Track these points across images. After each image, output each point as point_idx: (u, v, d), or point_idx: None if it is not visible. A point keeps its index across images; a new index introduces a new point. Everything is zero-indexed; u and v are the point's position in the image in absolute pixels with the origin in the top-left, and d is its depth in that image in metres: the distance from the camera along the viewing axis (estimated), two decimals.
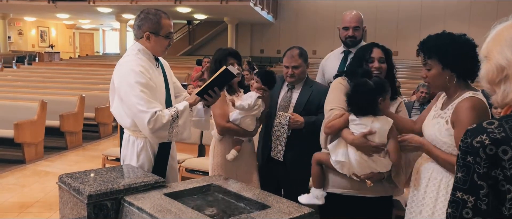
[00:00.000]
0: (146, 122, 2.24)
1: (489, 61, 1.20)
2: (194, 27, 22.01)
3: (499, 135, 1.11)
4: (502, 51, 1.17)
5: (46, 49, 23.20)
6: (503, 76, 1.16)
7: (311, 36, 19.55)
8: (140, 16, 2.47)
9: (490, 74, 1.19)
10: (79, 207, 1.96)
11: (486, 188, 1.12)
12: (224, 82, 2.51)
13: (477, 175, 1.13)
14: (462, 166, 1.15)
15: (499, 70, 1.17)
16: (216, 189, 2.17)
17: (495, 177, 1.11)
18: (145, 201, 1.91)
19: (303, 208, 1.87)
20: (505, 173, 1.10)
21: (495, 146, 1.11)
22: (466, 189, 1.14)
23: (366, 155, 2.14)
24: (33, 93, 7.91)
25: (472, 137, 1.14)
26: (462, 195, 1.15)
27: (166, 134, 2.32)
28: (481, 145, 1.12)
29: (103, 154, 5.16)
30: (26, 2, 16.50)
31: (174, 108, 2.35)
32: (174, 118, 2.31)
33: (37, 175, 5.43)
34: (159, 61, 2.57)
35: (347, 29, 3.34)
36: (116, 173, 2.22)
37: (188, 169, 4.60)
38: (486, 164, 1.12)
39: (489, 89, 1.22)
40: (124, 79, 2.34)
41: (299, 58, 2.95)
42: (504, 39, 1.18)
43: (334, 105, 2.32)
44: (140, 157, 2.44)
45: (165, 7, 15.53)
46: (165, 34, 2.45)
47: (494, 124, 1.14)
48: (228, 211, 1.94)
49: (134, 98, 2.27)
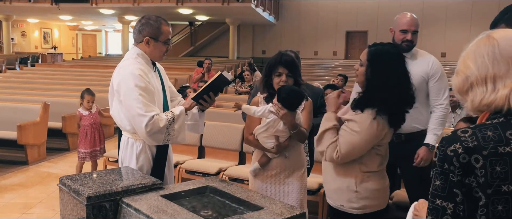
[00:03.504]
0: (143, 125, 2.31)
1: (457, 75, 1.28)
2: (196, 29, 22.09)
3: (472, 144, 1.16)
4: (466, 63, 1.25)
5: (49, 51, 23.36)
6: (468, 85, 1.23)
7: (313, 37, 19.61)
8: (142, 21, 2.54)
9: (458, 86, 1.27)
10: (78, 208, 2.02)
11: (460, 195, 1.16)
12: (219, 88, 2.57)
13: (452, 183, 1.17)
14: (441, 174, 1.19)
15: (464, 81, 1.24)
16: (212, 190, 2.23)
17: (469, 185, 1.16)
18: (142, 202, 1.97)
19: (295, 209, 1.93)
20: (478, 181, 1.15)
21: (468, 154, 1.15)
22: (445, 196, 1.18)
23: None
24: (36, 95, 7.98)
25: (447, 145, 1.19)
26: (441, 202, 1.18)
27: (162, 137, 2.39)
28: (455, 153, 1.16)
29: (104, 156, 5.22)
30: (29, 4, 16.63)
31: (171, 112, 2.43)
32: (170, 122, 2.38)
33: (40, 176, 5.50)
34: (156, 66, 2.63)
35: (405, 32, 3.04)
36: (115, 175, 2.28)
37: (188, 170, 4.65)
38: (460, 172, 1.16)
39: (461, 99, 1.29)
40: (123, 82, 2.40)
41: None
42: (468, 54, 1.26)
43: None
44: (139, 159, 2.50)
45: (167, 9, 15.65)
46: (164, 40, 2.52)
47: (468, 133, 1.19)
48: (223, 212, 2.00)
49: (133, 102, 2.34)
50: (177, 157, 4.50)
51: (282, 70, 2.55)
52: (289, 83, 2.56)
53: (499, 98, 1.18)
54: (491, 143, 1.15)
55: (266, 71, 2.62)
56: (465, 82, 1.25)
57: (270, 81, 2.60)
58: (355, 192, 2.21)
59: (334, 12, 19.21)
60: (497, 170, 1.14)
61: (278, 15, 20.13)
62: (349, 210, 2.24)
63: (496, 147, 1.15)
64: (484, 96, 1.20)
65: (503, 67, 1.19)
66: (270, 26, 20.26)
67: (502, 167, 1.14)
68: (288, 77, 2.56)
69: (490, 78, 1.20)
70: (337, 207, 2.29)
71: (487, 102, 1.20)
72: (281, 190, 2.61)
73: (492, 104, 1.19)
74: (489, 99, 1.19)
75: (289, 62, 2.57)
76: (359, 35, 19.13)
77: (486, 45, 1.23)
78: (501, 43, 1.21)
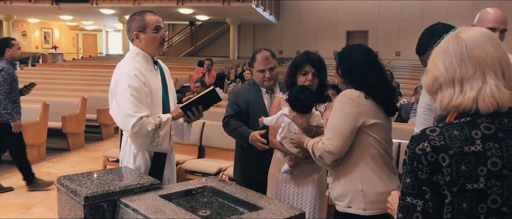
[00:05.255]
0: (130, 126, 2.30)
1: (427, 75, 1.29)
2: (196, 28, 22.09)
3: (439, 143, 1.18)
4: (435, 64, 1.26)
5: (49, 51, 23.36)
6: (438, 86, 1.25)
7: (313, 37, 19.59)
8: (128, 20, 2.55)
9: (428, 86, 1.28)
10: (76, 208, 2.01)
11: (429, 193, 1.19)
12: (209, 103, 2.51)
13: (421, 181, 1.19)
14: (410, 172, 1.21)
15: (433, 81, 1.25)
16: (211, 191, 2.21)
17: (437, 182, 1.18)
18: (140, 202, 1.95)
19: (294, 209, 1.92)
20: (444, 179, 1.17)
21: (435, 153, 1.18)
22: (414, 193, 1.20)
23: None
24: (36, 95, 7.97)
25: (416, 144, 1.21)
26: (411, 199, 1.21)
27: (147, 142, 2.37)
28: (423, 152, 1.19)
29: (104, 155, 5.22)
30: (30, 4, 16.64)
31: (158, 117, 2.39)
32: (157, 128, 2.36)
33: (40, 176, 5.47)
34: (159, 65, 2.61)
35: (493, 30, 2.59)
36: (113, 175, 2.26)
37: (188, 170, 4.64)
38: (427, 170, 1.19)
39: (431, 99, 1.30)
40: (119, 82, 2.40)
41: (273, 59, 2.82)
42: (437, 54, 1.27)
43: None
44: (136, 159, 2.49)
45: (168, 8, 15.64)
46: (152, 29, 2.48)
47: (436, 132, 1.21)
48: (221, 213, 1.99)
49: (124, 101, 2.34)
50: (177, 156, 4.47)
51: (309, 69, 2.48)
52: (314, 83, 2.49)
53: (466, 101, 1.20)
54: (457, 142, 1.17)
55: (290, 69, 2.54)
56: (434, 83, 1.26)
57: (294, 81, 2.52)
58: (361, 191, 2.15)
59: (335, 12, 19.19)
60: (462, 169, 1.16)
61: (279, 15, 20.12)
62: (357, 211, 2.17)
63: (462, 146, 1.17)
64: (452, 98, 1.22)
65: (470, 69, 1.20)
66: (270, 26, 20.25)
67: (467, 166, 1.16)
68: (314, 77, 2.49)
69: (457, 80, 1.21)
70: (344, 210, 2.22)
71: (455, 104, 1.21)
72: (296, 193, 2.54)
73: (460, 106, 1.21)
74: (456, 101, 1.21)
75: (316, 60, 2.51)
76: (359, 35, 19.11)
77: (454, 45, 1.23)
78: (468, 44, 1.21)
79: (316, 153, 2.17)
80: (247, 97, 2.85)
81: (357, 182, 2.15)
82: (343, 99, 2.14)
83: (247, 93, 2.87)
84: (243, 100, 2.85)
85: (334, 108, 2.17)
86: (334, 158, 2.13)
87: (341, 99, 2.15)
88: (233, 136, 2.94)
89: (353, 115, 2.10)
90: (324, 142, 2.12)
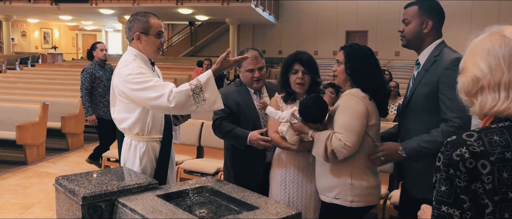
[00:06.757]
0: (165, 104, 2.22)
1: (465, 74, 1.20)
2: (196, 29, 22.09)
3: (479, 149, 1.11)
4: (476, 63, 1.17)
5: (49, 51, 23.36)
6: (478, 88, 1.16)
7: (313, 37, 19.60)
8: (130, 19, 2.52)
9: (466, 86, 1.19)
10: (74, 208, 2.02)
11: (468, 202, 1.11)
12: None
13: (459, 189, 1.11)
14: (446, 179, 1.13)
15: (474, 82, 1.17)
16: (208, 190, 2.23)
17: (475, 191, 1.11)
18: (138, 202, 1.97)
19: (290, 209, 1.93)
20: (484, 187, 1.10)
21: (474, 159, 1.10)
22: (451, 202, 1.12)
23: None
24: (36, 95, 7.99)
25: (452, 150, 1.13)
26: (447, 209, 1.13)
27: (193, 108, 2.26)
28: (461, 158, 1.11)
29: (104, 155, 5.23)
30: (29, 4, 16.64)
31: (196, 81, 2.29)
32: (195, 90, 2.26)
33: (39, 176, 5.50)
34: (154, 66, 2.62)
35: None
36: (111, 175, 2.28)
37: (187, 170, 4.66)
38: (466, 177, 1.10)
39: (468, 101, 1.21)
40: (126, 83, 2.34)
41: (261, 58, 2.78)
42: (478, 51, 1.18)
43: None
44: (142, 161, 2.47)
45: (167, 9, 15.65)
46: (155, 33, 2.48)
47: (473, 137, 1.13)
48: (218, 212, 2.01)
49: (143, 93, 2.28)
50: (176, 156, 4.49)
51: (298, 67, 2.54)
52: (306, 80, 2.54)
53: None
54: (498, 148, 1.10)
55: (282, 70, 2.60)
56: (474, 84, 1.17)
57: (287, 80, 2.57)
58: (350, 185, 2.24)
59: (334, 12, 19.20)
60: (505, 176, 1.09)
61: (278, 15, 20.12)
62: (344, 203, 2.26)
63: (503, 152, 1.10)
64: (496, 103, 1.13)
65: None
66: (270, 26, 20.26)
67: (509, 173, 1.09)
68: (305, 74, 2.54)
69: (504, 84, 1.12)
70: (331, 201, 2.30)
71: (499, 110, 1.13)
72: (300, 193, 2.54)
73: (505, 112, 1.13)
74: (502, 107, 1.13)
75: (305, 59, 2.55)
76: (359, 35, 19.11)
77: (501, 45, 1.14)
78: None
79: (329, 148, 2.18)
80: (237, 99, 2.78)
81: (347, 176, 2.25)
82: (353, 98, 2.23)
83: (236, 95, 2.80)
84: (233, 102, 2.77)
85: (343, 106, 2.24)
86: (349, 154, 2.20)
87: (351, 99, 2.23)
88: (227, 139, 2.83)
89: (364, 114, 2.20)
90: (341, 138, 2.16)
